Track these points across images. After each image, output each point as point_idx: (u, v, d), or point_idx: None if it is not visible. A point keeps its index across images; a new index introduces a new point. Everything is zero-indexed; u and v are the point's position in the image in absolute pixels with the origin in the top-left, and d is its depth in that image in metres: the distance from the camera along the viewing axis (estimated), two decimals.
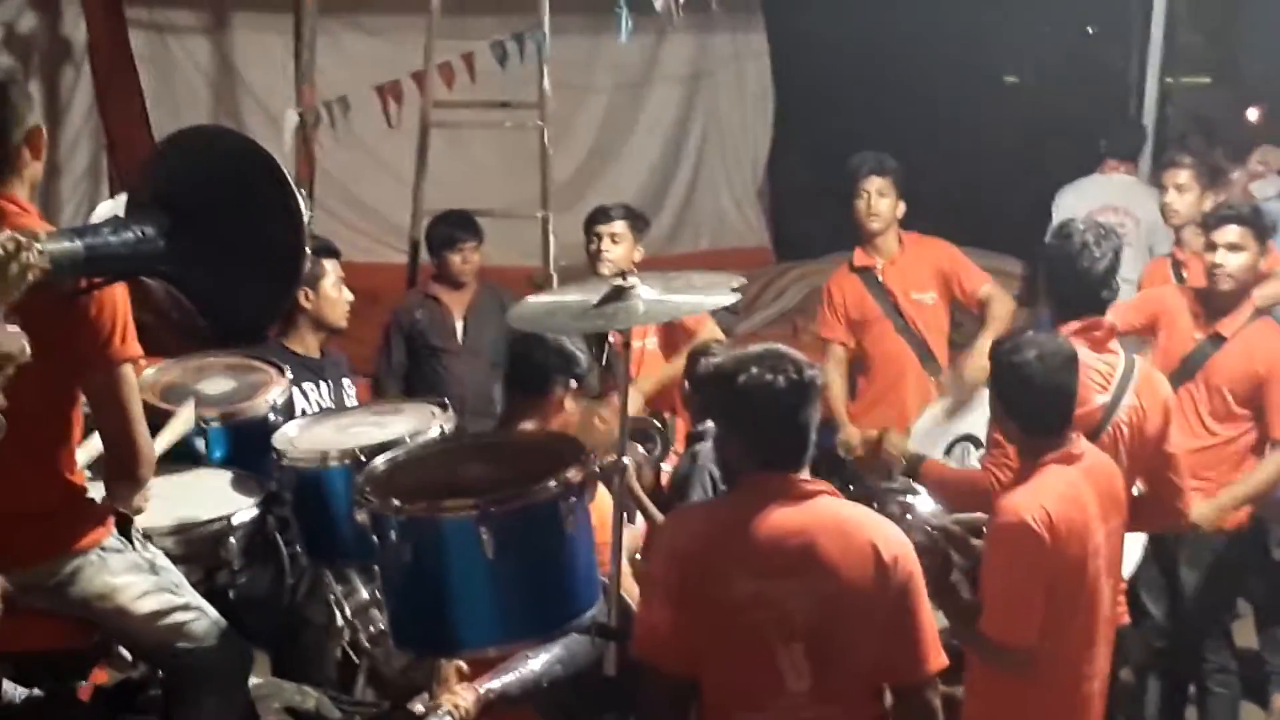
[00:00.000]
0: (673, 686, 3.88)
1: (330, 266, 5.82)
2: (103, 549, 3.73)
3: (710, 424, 5.17)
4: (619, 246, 6.75)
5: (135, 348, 3.67)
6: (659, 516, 5.01)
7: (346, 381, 5.93)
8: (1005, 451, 4.70)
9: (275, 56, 9.59)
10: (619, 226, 6.81)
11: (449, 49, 8.49)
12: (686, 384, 5.74)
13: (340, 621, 4.46)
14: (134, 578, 3.78)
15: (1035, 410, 4.55)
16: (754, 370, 3.82)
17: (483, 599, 3.80)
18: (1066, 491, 4.44)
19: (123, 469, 3.74)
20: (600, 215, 6.88)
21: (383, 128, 8.66)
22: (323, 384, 5.76)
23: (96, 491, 3.82)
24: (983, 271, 7.06)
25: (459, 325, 7.24)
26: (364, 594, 4.38)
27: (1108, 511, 4.55)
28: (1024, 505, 4.37)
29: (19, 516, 3.54)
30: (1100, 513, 4.51)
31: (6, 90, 3.62)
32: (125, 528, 3.83)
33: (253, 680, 4.17)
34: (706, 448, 5.21)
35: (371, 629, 4.34)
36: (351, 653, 4.49)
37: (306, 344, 5.84)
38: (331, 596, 4.42)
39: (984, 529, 4.48)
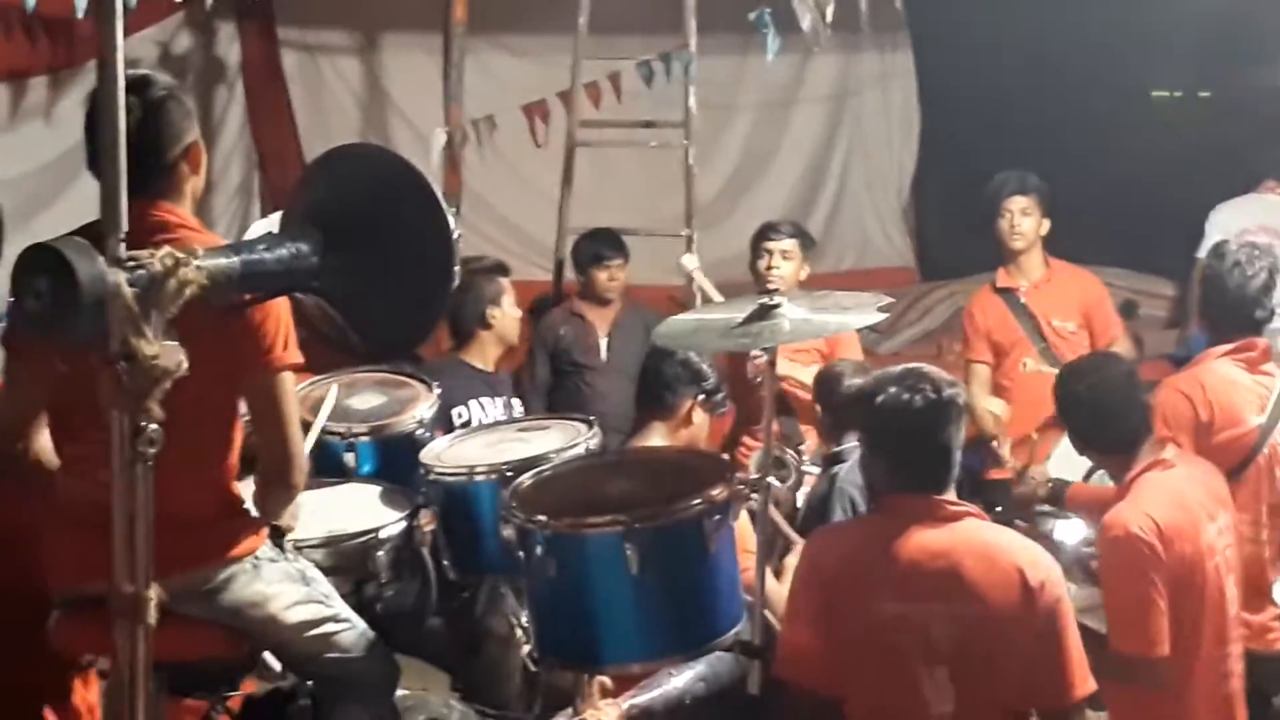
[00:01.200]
0: (815, 706, 3.88)
1: (506, 285, 5.92)
2: (256, 558, 3.78)
3: (849, 444, 5.16)
4: (788, 263, 6.74)
5: (296, 355, 3.73)
6: (797, 539, 5.00)
7: (516, 401, 6.00)
8: None
9: (424, 76, 9.70)
10: (789, 244, 6.79)
11: (596, 69, 8.54)
12: (818, 407, 5.72)
13: (521, 634, 4.50)
14: (286, 587, 3.83)
15: (1104, 431, 4.54)
16: (892, 390, 3.80)
17: (627, 615, 3.81)
18: (1168, 496, 4.41)
19: (279, 476, 3.79)
20: (771, 231, 6.86)
21: (528, 147, 8.73)
22: (498, 399, 5.83)
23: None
24: (1120, 322, 6.95)
25: (603, 342, 7.29)
26: None
27: (1213, 509, 4.50)
28: (1129, 517, 4.35)
29: (178, 523, 3.58)
30: (1206, 512, 4.46)
31: (165, 105, 3.68)
32: (278, 539, 3.88)
33: (398, 692, 4.21)
34: (845, 469, 5.19)
35: None
36: (532, 665, 4.52)
37: (486, 359, 5.95)
38: (510, 610, 4.47)
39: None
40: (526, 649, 4.58)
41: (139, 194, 3.55)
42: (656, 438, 4.92)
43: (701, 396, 4.93)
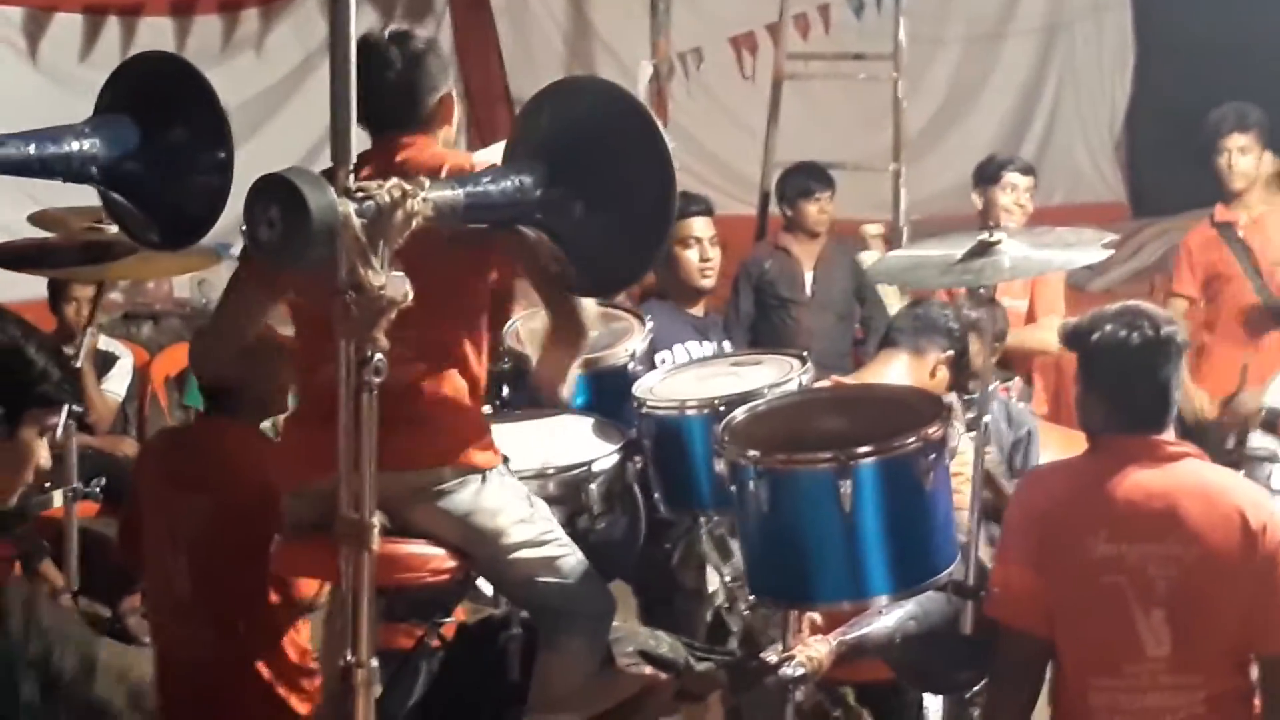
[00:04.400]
0: (1028, 647, 3.85)
1: (708, 224, 5.89)
2: (488, 473, 3.85)
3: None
4: (1023, 197, 6.62)
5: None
6: (1006, 486, 4.94)
7: (728, 345, 5.98)
8: None
9: (630, 8, 9.69)
10: (1024, 180, 6.67)
11: (804, 0, 8.46)
12: None
13: (714, 587, 4.52)
14: (514, 503, 3.88)
15: None
16: (1109, 328, 3.74)
17: (839, 552, 3.80)
18: None
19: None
20: (1005, 165, 6.73)
21: (734, 80, 8.71)
22: (706, 342, 5.82)
23: None
24: None
25: (808, 277, 7.25)
26: (740, 560, 4.42)
27: None
28: None
29: (423, 421, 3.68)
30: None
31: (424, 57, 3.85)
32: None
33: None
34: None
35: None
36: (726, 618, 4.54)
37: (692, 302, 5.93)
38: (706, 561, 4.49)
39: None
40: (722, 600, 4.61)
41: (395, 136, 3.68)
42: (895, 374, 4.82)
43: (951, 355, 4.85)
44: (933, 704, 4.60)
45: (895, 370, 4.80)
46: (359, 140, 3.11)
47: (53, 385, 2.87)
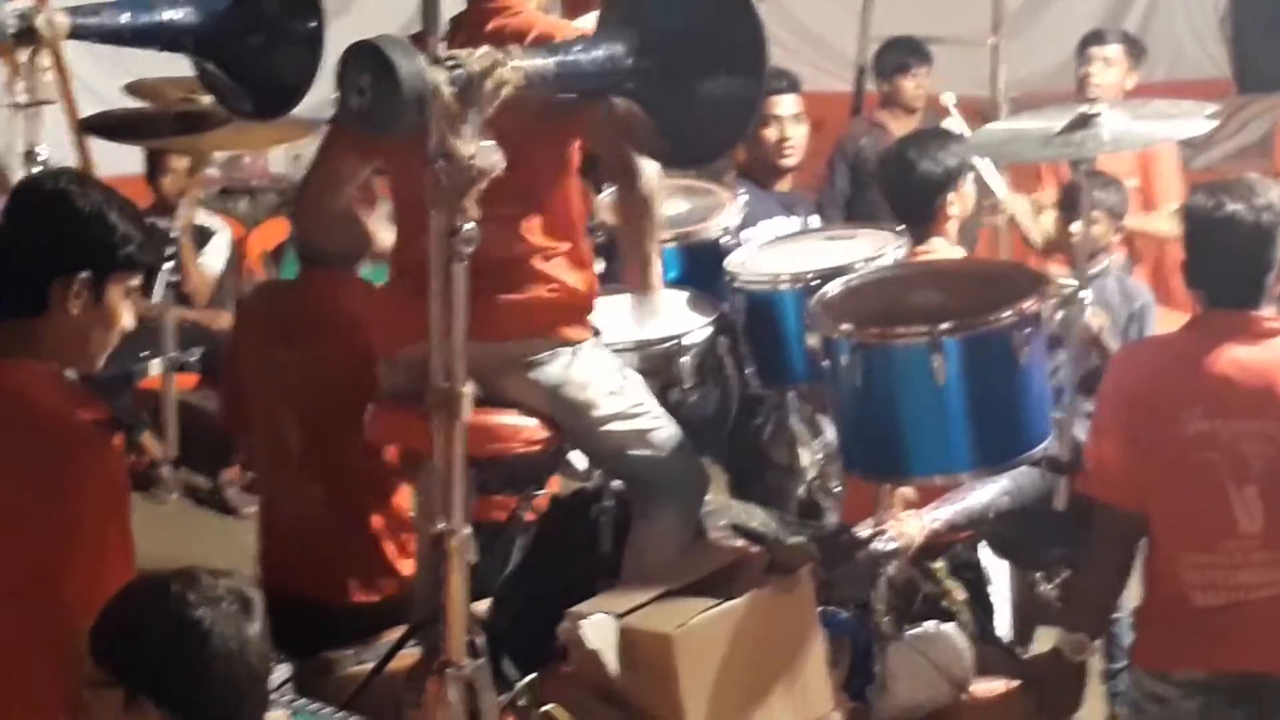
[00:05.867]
0: (1121, 523, 3.83)
1: (791, 101, 5.81)
2: (580, 345, 3.87)
3: None
4: (1111, 71, 6.51)
5: None
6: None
7: (815, 219, 5.93)
8: None
9: None
10: (1113, 51, 6.55)
11: None
12: None
13: (804, 463, 4.52)
14: (605, 376, 3.89)
15: None
16: (1212, 202, 3.68)
17: (932, 427, 3.79)
18: None
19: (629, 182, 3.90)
20: (1094, 38, 6.64)
21: None
22: (794, 218, 5.77)
23: None
24: None
25: None
26: (830, 438, 4.41)
27: None
28: None
29: (514, 293, 3.70)
30: None
31: None
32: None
33: None
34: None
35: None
36: (817, 495, 4.54)
37: (776, 179, 5.87)
38: (796, 439, 4.48)
39: None
40: (812, 477, 4.61)
41: (487, 2, 3.67)
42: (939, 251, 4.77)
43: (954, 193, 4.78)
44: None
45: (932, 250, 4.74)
46: (451, 6, 3.09)
47: (136, 248, 2.89)
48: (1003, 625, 4.44)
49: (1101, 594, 3.99)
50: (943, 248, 4.50)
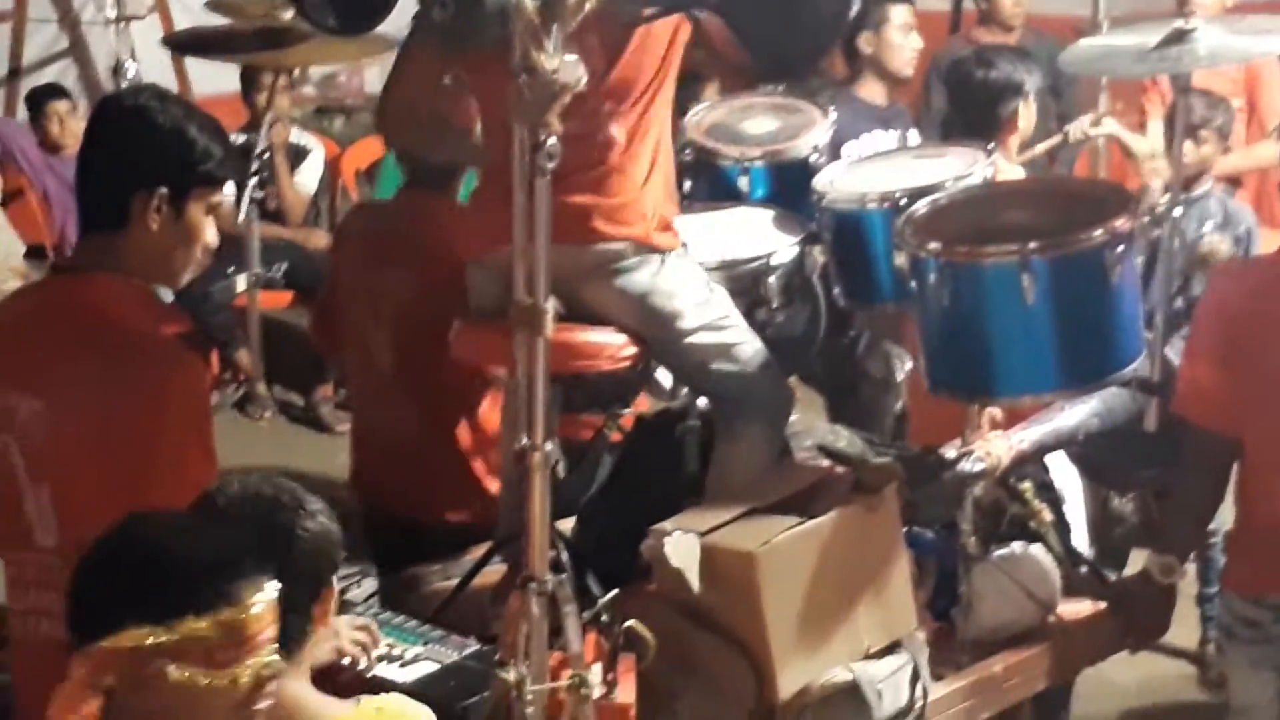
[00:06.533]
0: (1214, 446, 3.77)
1: (897, 12, 5.74)
2: (667, 254, 3.85)
3: None
4: None
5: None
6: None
7: (913, 133, 5.87)
8: None
9: None
10: None
11: None
12: None
13: (900, 377, 4.49)
14: (692, 286, 3.88)
15: None
16: None
17: (1021, 347, 3.75)
18: None
19: None
20: None
21: None
22: (891, 132, 5.72)
23: None
24: None
25: None
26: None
27: None
28: None
29: (605, 198, 3.68)
30: None
31: None
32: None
33: None
34: None
35: None
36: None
37: (873, 91, 5.82)
38: (891, 353, 4.45)
39: None
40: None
41: None
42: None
43: (1024, 101, 4.71)
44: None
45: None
46: None
47: (216, 164, 2.89)
48: (1081, 544, 4.41)
49: (1192, 517, 3.95)
50: (1001, 164, 4.45)
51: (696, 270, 3.93)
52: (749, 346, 3.93)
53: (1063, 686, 4.35)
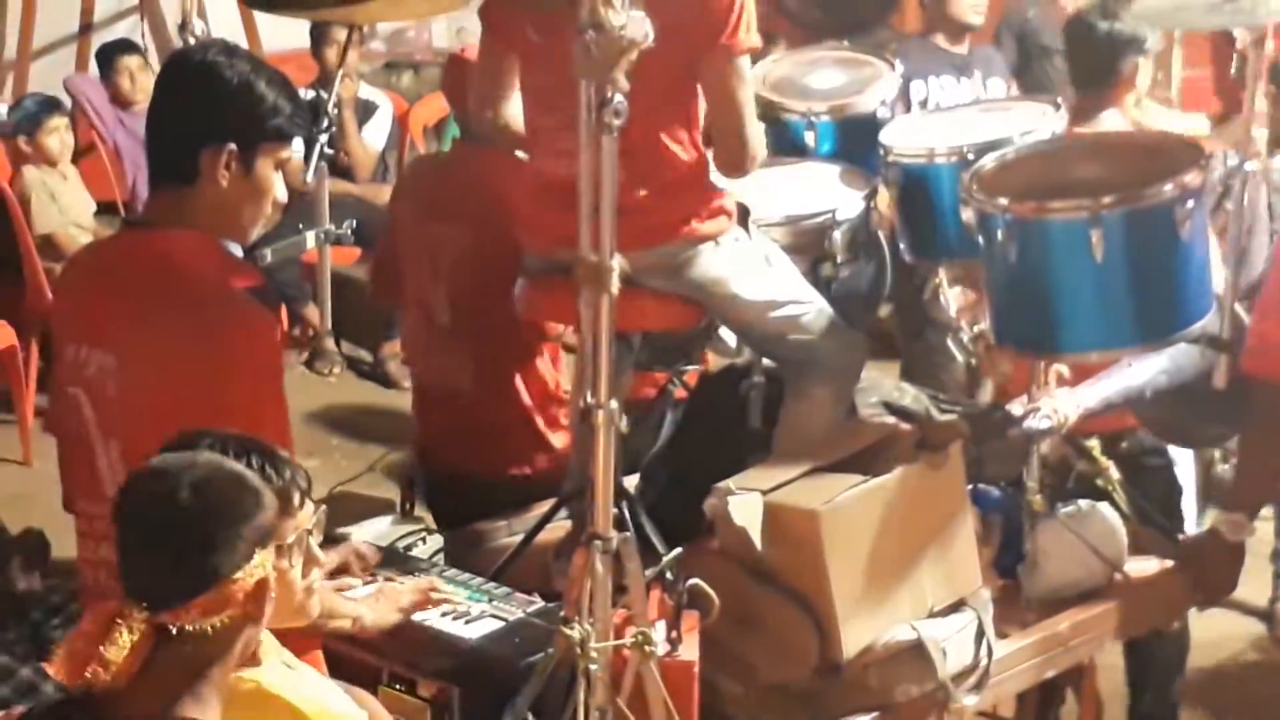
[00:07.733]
0: None
1: None
2: (720, 240, 3.82)
3: None
4: None
5: (754, 38, 3.72)
6: None
7: (996, 80, 5.83)
8: None
9: None
10: None
11: None
12: None
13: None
14: (749, 267, 3.86)
15: None
16: None
17: (1088, 302, 3.70)
18: None
19: (730, 161, 3.81)
20: None
21: None
22: (965, 80, 5.68)
23: None
24: None
25: None
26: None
27: None
28: None
29: (649, 198, 3.67)
30: None
31: None
32: (743, 219, 3.91)
33: None
34: None
35: None
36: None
37: (951, 39, 5.80)
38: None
39: None
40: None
41: None
42: (1110, 123, 4.67)
43: (1141, 60, 4.65)
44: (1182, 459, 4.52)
45: (1106, 120, 4.62)
46: None
47: (285, 120, 2.90)
48: (1190, 507, 4.40)
49: (1261, 475, 3.91)
50: (1115, 123, 4.40)
51: (752, 247, 3.91)
52: (812, 314, 3.93)
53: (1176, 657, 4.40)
